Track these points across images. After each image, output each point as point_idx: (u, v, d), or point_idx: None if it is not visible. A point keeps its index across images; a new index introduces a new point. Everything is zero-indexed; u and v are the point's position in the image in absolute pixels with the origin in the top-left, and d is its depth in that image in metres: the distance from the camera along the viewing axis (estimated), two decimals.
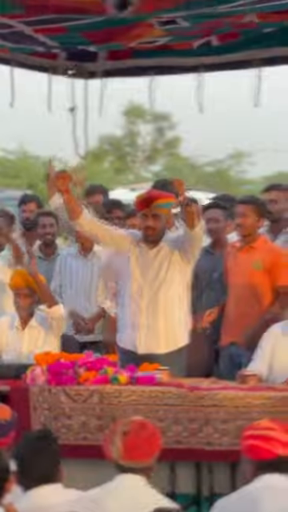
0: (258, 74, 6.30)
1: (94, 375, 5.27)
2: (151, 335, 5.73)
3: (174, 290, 5.77)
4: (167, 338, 5.74)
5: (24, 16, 4.95)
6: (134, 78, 6.78)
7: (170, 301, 5.76)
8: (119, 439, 3.71)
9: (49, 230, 7.11)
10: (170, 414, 5.05)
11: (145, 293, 5.76)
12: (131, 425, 3.76)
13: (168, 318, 5.75)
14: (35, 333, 5.94)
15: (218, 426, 4.98)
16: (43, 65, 6.58)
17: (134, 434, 3.72)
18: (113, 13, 4.77)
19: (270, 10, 4.91)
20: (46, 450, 3.77)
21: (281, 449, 3.79)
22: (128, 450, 3.69)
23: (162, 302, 5.75)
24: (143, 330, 5.74)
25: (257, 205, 6.28)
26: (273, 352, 5.47)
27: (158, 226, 5.73)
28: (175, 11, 4.84)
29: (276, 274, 6.15)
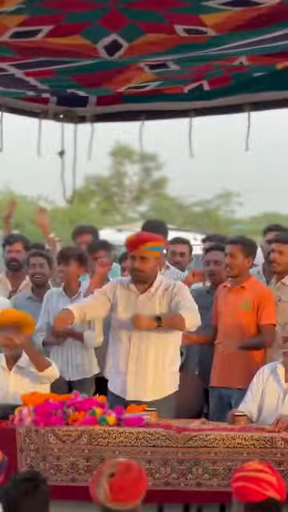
0: (248, 117, 6.36)
1: (82, 416, 5.25)
2: (139, 383, 5.74)
3: (164, 337, 5.76)
4: (155, 386, 5.75)
5: (15, 59, 4.99)
6: (125, 122, 6.83)
7: (160, 348, 5.75)
8: (105, 481, 3.68)
9: (38, 269, 7.09)
10: (158, 456, 5.03)
11: (134, 339, 5.76)
12: (117, 466, 3.74)
13: (157, 366, 5.75)
14: (23, 374, 5.90)
15: (208, 466, 4.96)
16: (34, 109, 6.63)
17: (120, 476, 3.70)
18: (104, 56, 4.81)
19: (261, 52, 4.97)
20: (34, 491, 3.74)
21: (271, 490, 3.79)
22: (114, 492, 3.67)
23: (152, 348, 5.74)
24: (131, 376, 5.75)
25: (244, 244, 6.33)
26: (262, 393, 5.47)
27: (146, 269, 5.72)
28: (165, 54, 4.89)
29: (260, 313, 6.20)
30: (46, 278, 7.16)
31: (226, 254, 6.35)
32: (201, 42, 4.62)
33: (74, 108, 6.65)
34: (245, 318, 6.25)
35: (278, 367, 5.49)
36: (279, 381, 5.46)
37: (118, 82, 5.67)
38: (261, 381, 5.50)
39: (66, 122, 6.70)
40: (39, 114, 6.66)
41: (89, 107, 6.63)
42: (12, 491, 3.71)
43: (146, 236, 5.84)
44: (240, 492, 3.81)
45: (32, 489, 3.71)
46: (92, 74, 5.46)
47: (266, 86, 6.13)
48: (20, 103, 6.51)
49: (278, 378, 5.46)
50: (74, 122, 6.72)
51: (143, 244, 5.70)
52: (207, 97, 6.31)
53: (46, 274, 7.12)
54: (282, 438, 4.94)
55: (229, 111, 6.55)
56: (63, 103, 6.57)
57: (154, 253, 5.74)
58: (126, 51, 4.75)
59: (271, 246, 6.50)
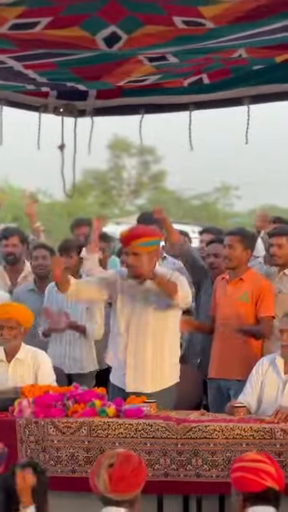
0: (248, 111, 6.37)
1: (82, 408, 5.27)
2: (138, 375, 5.76)
3: (163, 327, 5.77)
4: (154, 378, 5.76)
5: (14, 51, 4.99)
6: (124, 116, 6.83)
7: (158, 340, 5.76)
8: (105, 472, 3.71)
9: (41, 262, 7.11)
10: (157, 447, 5.05)
11: (132, 331, 5.77)
12: (116, 457, 3.76)
13: (156, 358, 5.76)
14: (22, 367, 5.91)
15: (207, 457, 4.98)
16: (33, 103, 6.63)
17: (120, 467, 3.72)
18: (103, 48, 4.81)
19: (260, 45, 4.96)
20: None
21: (269, 481, 3.81)
22: (114, 482, 3.69)
23: (150, 340, 5.75)
24: (130, 369, 5.77)
25: (243, 236, 6.34)
26: (262, 385, 5.49)
27: (139, 264, 5.64)
28: (164, 47, 4.89)
29: (259, 305, 6.21)
30: (48, 270, 7.18)
31: (224, 246, 6.35)
32: (199, 34, 4.61)
33: (74, 102, 6.65)
34: (243, 309, 6.27)
35: (276, 359, 5.51)
36: (278, 372, 5.47)
37: (118, 74, 5.66)
38: (260, 372, 5.52)
39: (66, 115, 6.69)
40: (39, 108, 6.66)
41: (89, 101, 6.63)
42: (11, 481, 3.73)
43: (138, 232, 5.76)
44: (239, 482, 3.83)
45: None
46: (91, 67, 5.46)
47: (266, 79, 6.13)
48: (20, 97, 6.50)
49: (278, 370, 5.48)
50: (74, 115, 6.71)
51: (135, 240, 5.63)
52: (207, 90, 6.31)
53: (48, 265, 7.14)
54: (281, 428, 4.96)
55: (228, 104, 6.55)
56: (63, 97, 6.58)
57: (147, 248, 5.65)
58: (125, 43, 4.74)
59: (270, 240, 6.51)
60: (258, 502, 3.77)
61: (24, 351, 5.93)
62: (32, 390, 5.48)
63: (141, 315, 5.76)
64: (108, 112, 6.80)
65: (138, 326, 5.76)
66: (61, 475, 5.12)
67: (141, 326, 5.75)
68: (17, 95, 6.48)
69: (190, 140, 6.54)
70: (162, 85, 6.20)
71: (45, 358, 5.97)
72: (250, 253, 6.39)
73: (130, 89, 6.21)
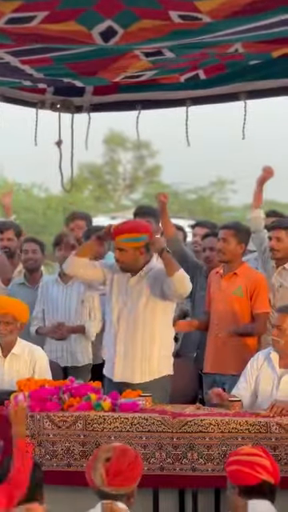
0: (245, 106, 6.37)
1: (78, 401, 5.28)
2: (127, 365, 5.77)
3: (153, 320, 5.79)
4: (142, 368, 5.78)
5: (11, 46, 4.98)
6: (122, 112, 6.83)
7: (148, 331, 5.78)
8: (102, 465, 3.72)
9: (31, 255, 7.12)
10: (153, 441, 5.06)
11: (122, 320, 5.79)
12: (113, 451, 3.77)
13: (145, 349, 5.78)
14: (18, 362, 5.92)
15: (203, 451, 4.99)
16: (31, 99, 6.63)
17: (117, 460, 3.73)
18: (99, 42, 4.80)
19: (256, 39, 4.96)
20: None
21: (264, 474, 3.83)
22: (111, 476, 3.70)
23: (139, 331, 5.77)
24: (120, 358, 5.79)
25: (237, 230, 6.33)
26: (257, 380, 5.50)
27: (125, 259, 5.74)
28: (160, 41, 4.88)
29: (254, 301, 6.22)
30: (38, 263, 7.20)
31: (218, 239, 6.35)
32: (195, 28, 4.61)
33: (71, 98, 6.65)
34: (237, 304, 6.27)
35: (271, 353, 5.52)
36: (273, 367, 5.48)
37: (114, 70, 5.66)
38: (255, 367, 5.53)
39: (63, 111, 6.70)
40: (36, 104, 6.67)
41: (85, 97, 6.63)
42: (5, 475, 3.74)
43: (123, 227, 5.79)
44: (234, 476, 3.85)
45: None
46: (87, 62, 5.45)
47: (263, 75, 6.13)
48: (17, 93, 6.51)
49: (272, 364, 5.49)
50: (71, 111, 6.73)
51: (119, 236, 5.71)
52: (203, 86, 6.31)
53: (38, 259, 7.17)
54: (276, 422, 4.97)
55: (225, 100, 6.55)
56: (60, 93, 6.58)
57: (132, 244, 5.72)
58: (122, 38, 4.73)
59: (269, 233, 6.51)
60: (253, 495, 3.79)
61: (20, 346, 5.93)
62: (28, 383, 5.48)
63: (131, 307, 5.79)
64: (105, 108, 6.81)
65: (128, 318, 5.79)
66: (56, 469, 5.12)
67: (131, 318, 5.78)
68: (14, 91, 6.49)
69: (187, 136, 6.55)
70: (159, 81, 6.20)
71: (41, 354, 5.98)
72: (243, 247, 6.39)
73: (126, 85, 6.22)
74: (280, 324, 5.41)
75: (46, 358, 5.98)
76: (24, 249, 7.14)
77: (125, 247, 5.71)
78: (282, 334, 5.40)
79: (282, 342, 5.40)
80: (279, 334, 5.40)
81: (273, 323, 5.51)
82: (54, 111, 6.65)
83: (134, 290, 5.81)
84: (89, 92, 6.51)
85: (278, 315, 5.47)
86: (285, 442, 4.92)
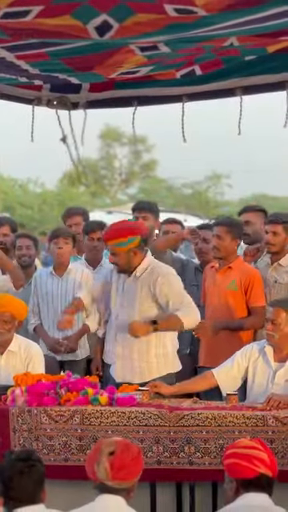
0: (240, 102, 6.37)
1: (75, 396, 5.28)
2: (126, 365, 5.81)
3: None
4: (141, 368, 5.82)
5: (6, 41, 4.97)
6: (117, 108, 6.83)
7: None
8: (106, 459, 3.71)
9: (25, 251, 7.12)
10: (150, 435, 5.06)
11: (120, 322, 5.81)
12: (116, 445, 3.76)
13: (141, 350, 5.80)
14: (15, 358, 5.93)
15: (200, 445, 5.00)
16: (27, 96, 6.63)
17: (121, 454, 3.73)
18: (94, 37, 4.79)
19: (251, 33, 4.95)
20: (29, 471, 3.75)
21: (262, 467, 3.83)
22: (116, 470, 3.70)
23: None
24: (119, 359, 5.83)
25: (231, 226, 6.35)
26: (253, 372, 5.50)
27: (118, 262, 5.81)
28: (156, 35, 4.87)
29: (249, 295, 6.22)
30: (32, 259, 7.21)
31: (213, 236, 6.37)
32: (191, 21, 4.60)
33: (67, 94, 6.65)
34: (232, 298, 6.29)
35: (266, 347, 5.51)
36: (268, 361, 5.49)
37: (110, 65, 5.64)
38: (247, 356, 5.51)
39: (60, 108, 6.69)
40: (32, 101, 6.66)
41: (82, 94, 6.63)
42: (7, 470, 3.73)
43: (111, 233, 5.82)
44: (232, 469, 3.85)
45: (28, 468, 3.73)
46: (83, 58, 5.44)
47: (258, 70, 6.12)
48: (13, 90, 6.50)
49: (267, 358, 5.49)
50: (67, 108, 6.72)
51: (108, 241, 5.83)
52: (199, 81, 6.31)
53: (32, 255, 7.17)
54: (273, 416, 4.98)
55: (221, 95, 6.55)
56: (56, 90, 6.58)
57: (123, 248, 5.75)
58: (117, 32, 4.72)
59: (265, 227, 6.52)
60: (251, 488, 3.79)
61: (17, 343, 5.94)
62: (25, 378, 5.49)
63: (127, 308, 5.81)
64: (101, 104, 6.80)
65: (124, 319, 5.79)
66: (54, 464, 5.13)
67: (127, 319, 5.78)
68: (10, 88, 6.48)
69: (183, 132, 6.55)
70: (155, 77, 6.19)
71: (37, 350, 5.99)
72: (238, 242, 6.43)
73: (122, 81, 6.21)
74: (274, 318, 5.41)
75: (41, 355, 5.99)
76: (18, 245, 7.14)
77: (116, 251, 5.78)
78: (277, 328, 5.41)
79: (277, 337, 5.41)
80: (274, 328, 5.41)
81: (267, 317, 5.52)
82: (51, 108, 6.64)
83: (130, 291, 5.83)
84: (85, 89, 6.50)
85: (273, 309, 5.47)
86: (281, 435, 4.93)
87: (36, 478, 3.73)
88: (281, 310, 5.42)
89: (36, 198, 31.46)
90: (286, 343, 5.44)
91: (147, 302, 5.78)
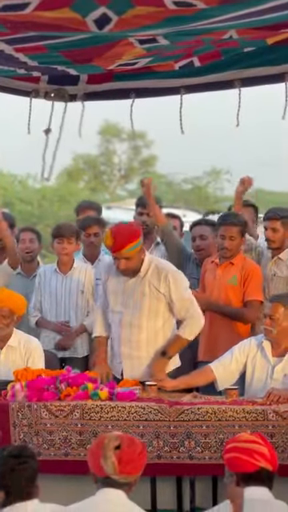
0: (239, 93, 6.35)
1: (74, 391, 5.28)
2: (134, 364, 5.77)
3: (156, 319, 5.78)
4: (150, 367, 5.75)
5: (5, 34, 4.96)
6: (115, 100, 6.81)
7: (152, 332, 5.77)
8: (112, 454, 3.69)
9: (28, 245, 7.10)
10: (150, 429, 5.06)
11: (125, 322, 5.77)
12: (120, 439, 3.75)
13: (150, 348, 5.77)
14: (14, 353, 5.91)
15: (200, 439, 5.00)
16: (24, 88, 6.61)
17: (127, 449, 3.72)
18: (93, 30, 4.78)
19: (250, 26, 4.94)
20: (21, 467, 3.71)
21: (262, 461, 3.82)
22: (123, 464, 3.68)
23: (144, 333, 5.76)
24: (126, 359, 5.78)
25: (242, 226, 6.32)
26: (252, 368, 5.49)
27: (131, 266, 5.71)
28: (155, 28, 4.86)
29: (245, 288, 6.22)
30: (35, 253, 7.19)
31: (223, 237, 6.28)
32: (190, 14, 4.58)
33: (65, 86, 6.62)
34: (232, 293, 6.28)
35: (263, 342, 5.50)
36: (266, 356, 5.48)
37: (108, 57, 5.63)
38: (245, 351, 5.50)
39: (57, 100, 6.68)
40: (30, 93, 6.65)
41: (80, 86, 6.62)
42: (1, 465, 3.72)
43: (121, 242, 5.66)
44: (232, 463, 3.84)
45: (18, 465, 3.69)
46: (82, 50, 5.43)
47: (257, 62, 6.11)
48: (11, 82, 6.49)
49: (265, 353, 5.48)
50: (65, 100, 6.70)
51: (124, 247, 5.63)
52: (198, 73, 6.30)
53: (35, 249, 7.15)
54: (273, 410, 4.97)
55: (219, 87, 6.53)
56: (54, 82, 6.55)
57: (135, 250, 5.68)
58: (116, 25, 4.71)
59: (264, 224, 6.51)
60: (251, 482, 3.78)
61: (16, 338, 5.93)
62: (25, 373, 5.48)
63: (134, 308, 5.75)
64: (99, 96, 6.78)
65: (131, 320, 5.74)
66: (54, 458, 5.13)
67: (135, 320, 5.74)
68: (8, 80, 6.46)
69: (181, 124, 6.53)
70: (153, 68, 6.18)
71: (36, 345, 5.98)
72: (244, 240, 6.41)
73: (120, 73, 6.19)
74: (272, 313, 5.40)
75: (41, 350, 5.97)
76: (21, 238, 7.13)
77: (131, 255, 5.66)
78: (275, 323, 5.40)
79: (275, 332, 5.40)
80: (272, 323, 5.40)
81: (265, 312, 5.50)
82: (48, 100, 6.63)
83: (135, 292, 5.76)
84: (83, 81, 6.49)
85: (271, 304, 5.46)
86: (282, 429, 4.93)
87: (28, 475, 3.70)
88: (279, 305, 5.41)
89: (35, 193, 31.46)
90: (283, 338, 5.43)
91: (155, 299, 5.74)
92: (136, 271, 5.74)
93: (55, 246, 6.78)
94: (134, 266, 5.72)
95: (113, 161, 35.58)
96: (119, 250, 5.63)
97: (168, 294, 5.72)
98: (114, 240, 5.65)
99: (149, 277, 5.75)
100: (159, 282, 5.72)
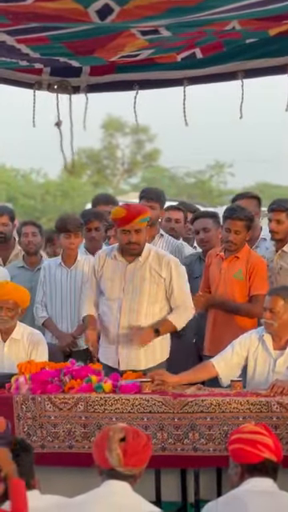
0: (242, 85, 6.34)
1: (78, 383, 5.28)
2: (132, 352, 5.77)
3: (155, 305, 5.80)
4: (147, 355, 5.80)
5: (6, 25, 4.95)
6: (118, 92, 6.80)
7: (150, 319, 5.79)
8: (117, 446, 3.69)
9: (31, 238, 7.10)
10: (154, 421, 5.06)
11: (125, 309, 5.78)
12: (126, 432, 3.75)
13: None
14: (18, 346, 5.92)
15: (204, 431, 4.99)
16: (27, 80, 6.59)
17: (133, 441, 3.71)
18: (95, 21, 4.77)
19: (252, 16, 4.92)
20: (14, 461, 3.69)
21: (267, 452, 3.82)
22: (128, 456, 3.68)
23: (143, 317, 5.77)
24: (123, 347, 5.78)
25: (248, 220, 6.28)
26: (254, 362, 5.48)
27: (142, 240, 5.78)
28: (157, 19, 4.85)
29: (251, 283, 6.19)
30: (38, 246, 7.19)
31: (229, 230, 6.27)
32: (192, 5, 4.57)
33: (68, 78, 6.61)
34: (238, 287, 6.25)
35: (264, 335, 5.47)
36: (268, 349, 5.45)
37: (111, 49, 5.62)
38: (246, 345, 5.48)
39: (60, 92, 6.67)
40: (33, 85, 6.63)
41: (82, 77, 6.60)
42: None
43: (138, 208, 5.83)
44: (236, 454, 3.84)
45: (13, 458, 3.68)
46: (84, 41, 5.42)
47: (260, 53, 6.10)
48: (14, 74, 6.48)
49: (267, 347, 5.46)
50: (68, 92, 6.69)
51: (138, 217, 5.71)
52: (200, 65, 6.28)
53: (38, 242, 7.15)
54: (277, 401, 4.97)
55: (222, 79, 6.52)
56: (57, 74, 6.54)
57: (145, 223, 5.79)
58: (118, 15, 4.69)
59: (269, 215, 6.48)
60: (255, 473, 3.78)
61: (20, 330, 5.94)
62: (28, 366, 5.48)
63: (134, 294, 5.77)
64: (102, 88, 6.77)
65: (131, 305, 5.77)
66: (58, 451, 5.14)
67: (134, 306, 5.76)
68: (10, 72, 6.45)
69: (185, 115, 6.52)
70: (156, 60, 6.16)
71: (40, 338, 5.98)
72: (250, 233, 6.38)
73: (123, 64, 6.17)
74: (272, 307, 5.38)
75: (44, 343, 5.98)
76: (24, 232, 7.12)
77: (141, 227, 5.74)
78: (275, 316, 5.37)
79: (276, 325, 5.38)
80: (272, 316, 5.38)
81: (265, 306, 5.48)
82: (51, 92, 6.61)
83: (136, 277, 5.79)
84: (86, 72, 6.48)
85: (271, 297, 5.43)
86: (286, 421, 4.93)
87: (23, 468, 3.68)
88: (279, 299, 5.39)
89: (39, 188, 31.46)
90: (284, 331, 5.41)
91: (155, 284, 5.77)
92: (140, 251, 5.78)
93: (62, 240, 6.76)
94: (143, 242, 5.79)
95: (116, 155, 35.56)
96: (132, 219, 5.69)
97: (169, 280, 5.77)
98: (126, 211, 5.73)
99: (150, 261, 5.78)
100: (160, 267, 5.77)
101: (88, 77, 6.53)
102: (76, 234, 6.68)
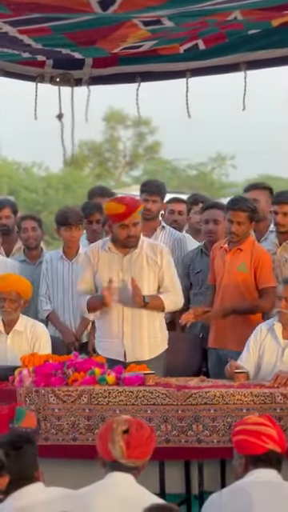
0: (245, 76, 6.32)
1: (82, 376, 5.27)
2: (136, 344, 5.77)
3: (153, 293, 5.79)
4: (150, 345, 5.81)
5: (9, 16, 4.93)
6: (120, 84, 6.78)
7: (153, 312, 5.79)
8: (120, 438, 3.69)
9: (31, 233, 7.08)
10: (158, 413, 5.06)
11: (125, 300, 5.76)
12: (129, 424, 3.74)
13: (150, 326, 5.80)
14: (20, 338, 5.92)
15: (208, 423, 4.99)
16: (30, 73, 6.58)
17: (136, 433, 3.71)
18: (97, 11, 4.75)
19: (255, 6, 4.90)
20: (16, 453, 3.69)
21: (271, 443, 3.81)
22: (131, 448, 3.67)
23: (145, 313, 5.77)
24: (128, 339, 5.78)
25: (251, 211, 6.24)
26: (261, 351, 5.48)
27: (139, 232, 5.81)
28: (159, 9, 4.83)
29: (259, 276, 6.17)
30: (38, 240, 7.17)
31: (231, 221, 6.24)
32: None
33: (70, 71, 6.59)
34: (242, 279, 6.22)
35: (275, 324, 5.49)
36: (277, 338, 5.47)
37: (113, 39, 5.60)
38: (258, 339, 5.50)
39: (63, 85, 6.65)
40: (35, 78, 6.62)
41: (85, 70, 6.59)
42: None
43: (133, 203, 5.80)
44: (240, 445, 3.83)
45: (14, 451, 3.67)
46: (86, 32, 5.41)
47: (263, 44, 6.08)
48: (16, 67, 6.46)
49: (276, 335, 5.47)
50: (71, 84, 6.68)
51: (135, 211, 5.71)
52: (203, 56, 6.26)
53: (38, 236, 7.14)
54: (281, 393, 4.97)
55: (225, 70, 6.50)
56: (59, 66, 6.53)
57: (140, 216, 5.83)
58: (120, 6, 4.68)
59: (274, 208, 6.45)
60: (259, 464, 3.77)
61: (23, 322, 5.94)
62: (32, 359, 5.48)
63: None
64: (104, 81, 6.76)
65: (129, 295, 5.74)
66: (62, 443, 5.14)
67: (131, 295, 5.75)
68: (12, 65, 6.44)
69: (188, 107, 6.50)
70: (158, 51, 6.15)
71: (43, 330, 5.98)
72: (253, 224, 6.35)
73: (126, 56, 6.16)
74: (287, 295, 5.38)
75: (47, 335, 5.98)
76: (23, 227, 7.10)
77: (138, 220, 5.79)
78: None
79: None
80: (287, 305, 5.38)
81: (279, 295, 5.46)
82: (54, 85, 6.60)
83: (134, 267, 5.79)
84: (88, 65, 6.46)
85: (284, 287, 5.43)
86: None
87: (25, 460, 3.68)
88: None
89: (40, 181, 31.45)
90: None
91: (153, 272, 5.80)
92: (137, 243, 5.81)
93: (63, 233, 6.74)
94: (139, 234, 5.83)
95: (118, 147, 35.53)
96: (132, 213, 5.70)
97: (161, 267, 5.81)
98: (125, 206, 5.72)
99: (145, 250, 5.82)
100: (156, 255, 5.82)
101: (91, 69, 6.51)
102: (77, 227, 6.68)
